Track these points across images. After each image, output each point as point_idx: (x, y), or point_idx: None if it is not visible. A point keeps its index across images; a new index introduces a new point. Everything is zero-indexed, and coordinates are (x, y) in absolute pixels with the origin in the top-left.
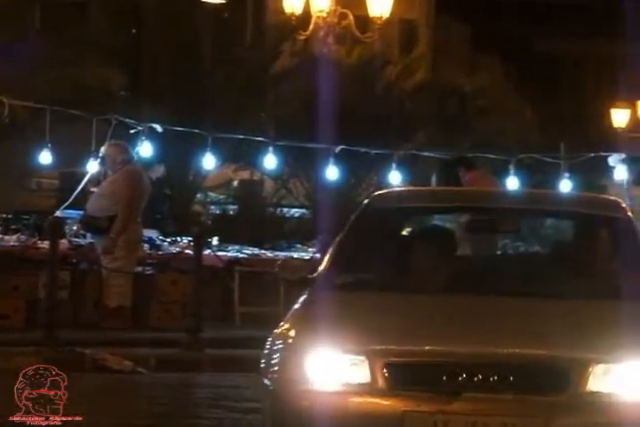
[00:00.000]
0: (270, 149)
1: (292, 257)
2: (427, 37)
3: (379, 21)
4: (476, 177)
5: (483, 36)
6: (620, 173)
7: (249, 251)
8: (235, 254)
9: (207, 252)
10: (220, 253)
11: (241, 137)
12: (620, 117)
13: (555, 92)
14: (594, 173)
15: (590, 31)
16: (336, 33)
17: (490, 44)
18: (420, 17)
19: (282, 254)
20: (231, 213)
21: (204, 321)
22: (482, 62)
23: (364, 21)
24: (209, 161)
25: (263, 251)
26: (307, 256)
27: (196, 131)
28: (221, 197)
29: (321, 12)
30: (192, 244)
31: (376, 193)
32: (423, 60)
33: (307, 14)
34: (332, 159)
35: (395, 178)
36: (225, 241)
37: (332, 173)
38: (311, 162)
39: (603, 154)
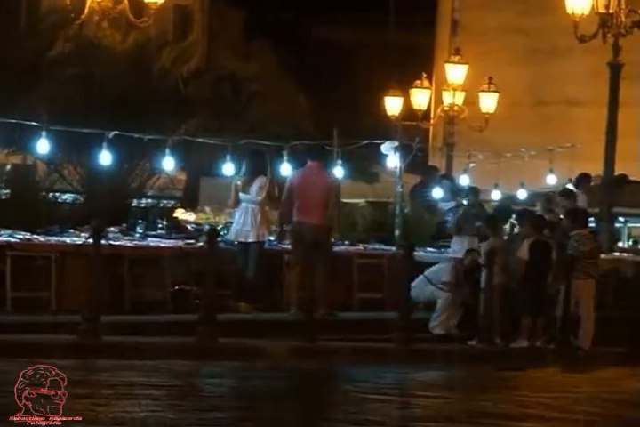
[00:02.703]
0: (43, 133)
1: None
2: (201, 23)
3: (154, 6)
4: (311, 167)
5: (256, 23)
6: (393, 160)
7: (21, 235)
8: (6, 239)
9: None
10: None
11: (14, 121)
12: (392, 105)
13: (328, 80)
14: (366, 161)
15: (363, 19)
16: (111, 18)
17: (263, 30)
18: (195, 2)
19: (54, 239)
20: (3, 197)
21: None
22: (255, 49)
23: (139, 6)
24: None
25: (35, 236)
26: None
27: None
28: None
29: None
30: None
31: None
32: (198, 45)
33: None
34: (105, 144)
35: (168, 164)
36: None
37: (105, 158)
38: (85, 147)
39: (375, 142)
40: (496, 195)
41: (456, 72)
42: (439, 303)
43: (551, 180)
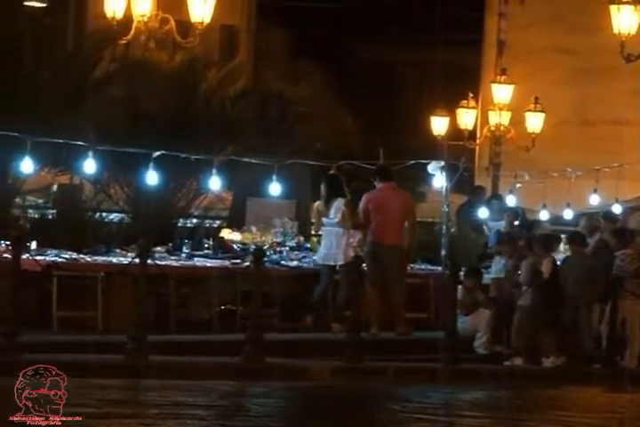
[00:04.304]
0: (90, 153)
1: None
2: (247, 43)
3: (200, 26)
4: (385, 188)
5: (303, 43)
6: (439, 180)
7: (67, 255)
8: (53, 259)
9: (25, 256)
10: (38, 258)
11: (61, 141)
12: (439, 125)
13: (375, 100)
14: (413, 181)
15: (410, 39)
16: (157, 38)
17: (309, 50)
18: (241, 23)
19: (100, 259)
20: (50, 217)
21: (21, 325)
22: (301, 68)
23: (186, 26)
24: (27, 165)
25: (82, 255)
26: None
27: (15, 134)
28: (40, 201)
29: (142, 16)
30: (10, 248)
31: None
32: (244, 66)
33: (128, 19)
34: (151, 164)
35: (215, 183)
36: (43, 245)
37: (151, 177)
38: (131, 167)
39: (422, 161)
40: (544, 215)
41: (502, 92)
42: (482, 322)
43: (594, 200)
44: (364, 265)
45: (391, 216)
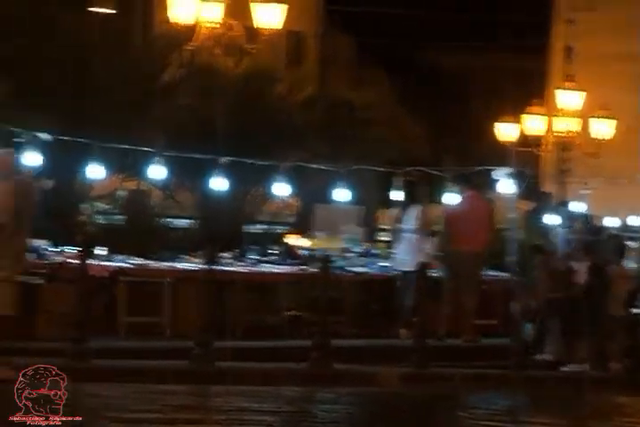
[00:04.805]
0: (157, 159)
1: None
2: (314, 49)
3: (266, 33)
4: (472, 196)
5: (368, 49)
6: (506, 186)
7: (134, 261)
8: (120, 264)
9: (93, 262)
10: (105, 263)
11: (128, 147)
12: (505, 131)
13: (441, 106)
14: (480, 187)
15: (476, 45)
16: (224, 44)
17: (375, 56)
18: (308, 29)
19: (167, 265)
20: (117, 223)
21: (89, 331)
22: (368, 74)
23: (252, 33)
24: (96, 171)
25: (149, 261)
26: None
27: (83, 140)
28: (108, 207)
29: (209, 22)
30: (78, 254)
31: None
32: (312, 73)
33: (195, 25)
34: (218, 170)
35: (281, 190)
36: (111, 251)
37: (219, 184)
38: (198, 173)
39: (488, 168)
40: (612, 222)
41: (568, 98)
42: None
43: None
44: (429, 271)
45: (475, 224)
